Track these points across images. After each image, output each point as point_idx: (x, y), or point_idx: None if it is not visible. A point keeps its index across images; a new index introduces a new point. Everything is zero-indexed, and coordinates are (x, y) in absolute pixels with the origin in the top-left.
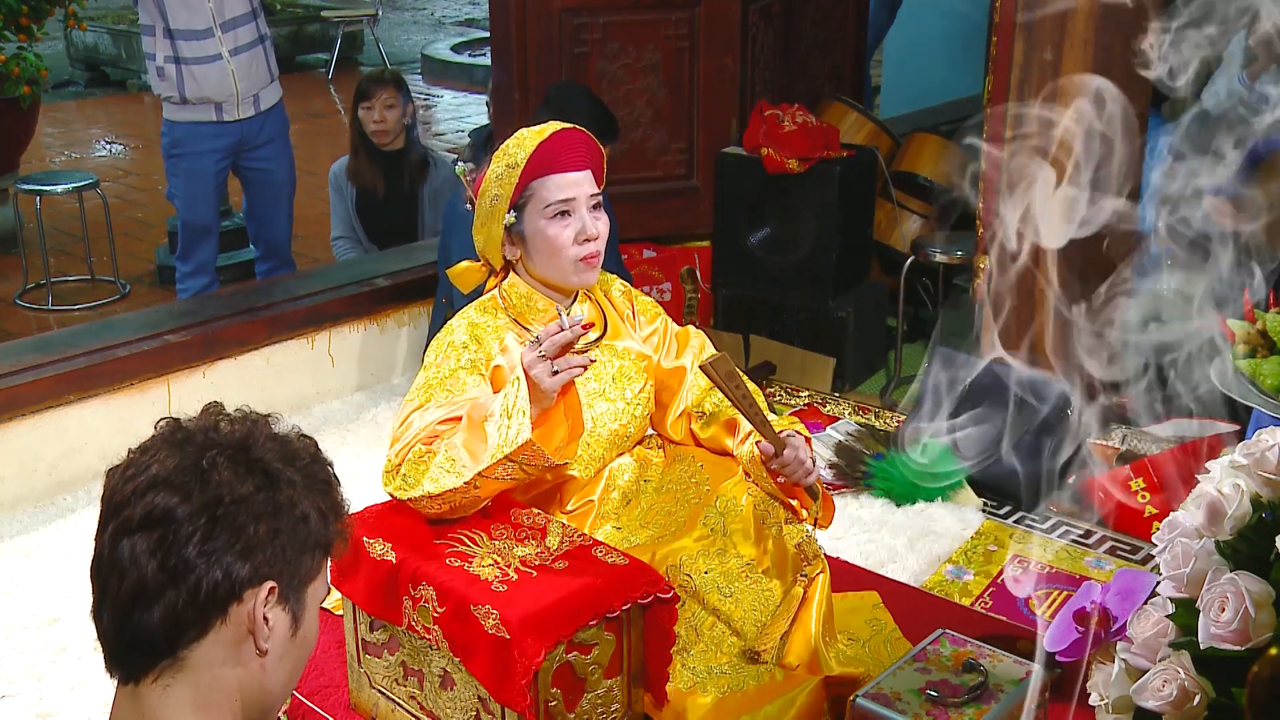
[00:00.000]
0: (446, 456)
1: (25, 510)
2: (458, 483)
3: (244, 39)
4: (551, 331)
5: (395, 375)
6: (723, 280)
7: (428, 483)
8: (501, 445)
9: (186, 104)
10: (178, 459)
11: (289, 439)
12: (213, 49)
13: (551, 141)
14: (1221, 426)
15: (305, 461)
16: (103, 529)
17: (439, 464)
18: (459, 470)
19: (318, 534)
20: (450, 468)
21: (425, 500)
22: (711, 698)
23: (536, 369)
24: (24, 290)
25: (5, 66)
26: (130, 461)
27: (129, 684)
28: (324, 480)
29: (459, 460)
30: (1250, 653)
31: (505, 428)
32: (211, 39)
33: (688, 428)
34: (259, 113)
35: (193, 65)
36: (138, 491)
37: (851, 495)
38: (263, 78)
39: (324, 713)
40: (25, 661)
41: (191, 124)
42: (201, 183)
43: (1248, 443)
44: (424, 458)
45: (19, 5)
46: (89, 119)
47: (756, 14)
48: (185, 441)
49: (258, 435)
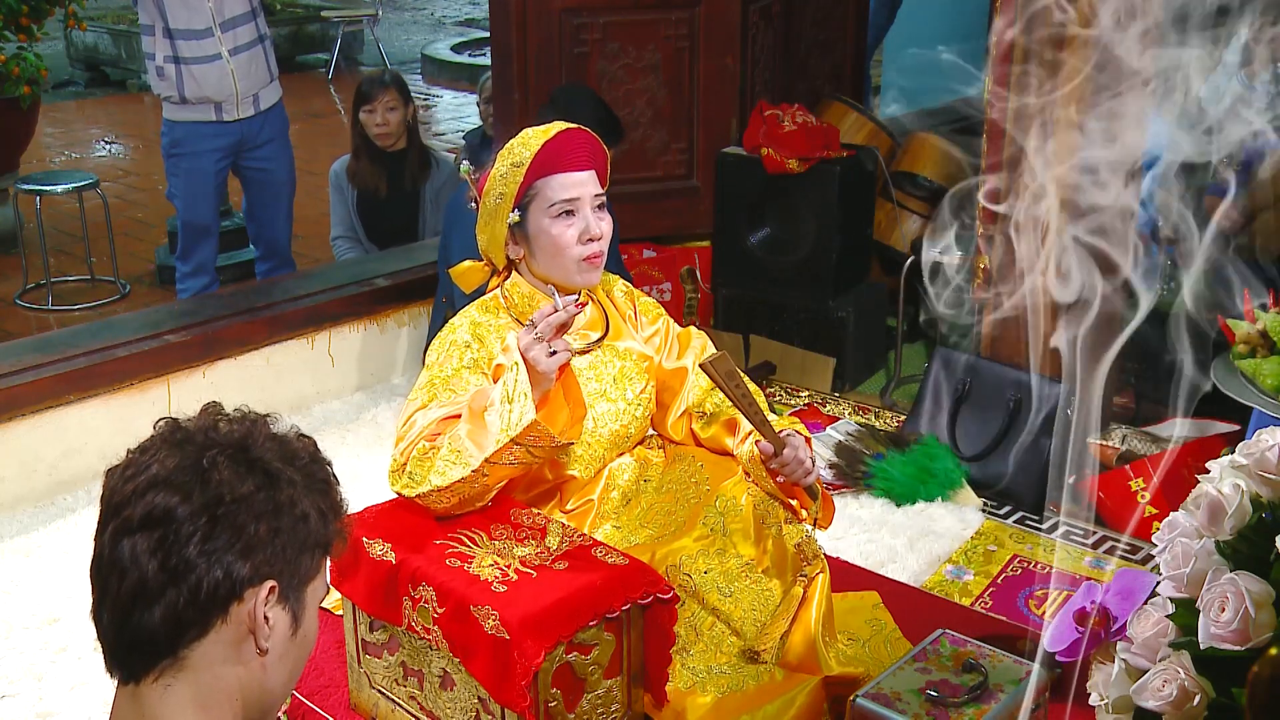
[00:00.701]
0: (451, 449)
1: (25, 510)
2: (465, 473)
3: (243, 39)
4: (546, 313)
5: (395, 375)
6: (723, 280)
7: (435, 477)
8: (506, 429)
9: (186, 104)
10: (178, 459)
11: (288, 439)
12: (212, 49)
13: (556, 141)
14: (1221, 426)
15: (304, 461)
16: (102, 529)
17: (444, 457)
18: (465, 461)
19: (317, 533)
20: (456, 459)
21: (434, 494)
22: (711, 697)
23: (533, 351)
24: (24, 290)
25: (5, 66)
26: (130, 461)
27: (129, 684)
28: (323, 480)
29: (465, 451)
30: (1250, 653)
31: (508, 413)
32: (211, 38)
33: (688, 428)
34: (258, 112)
35: (192, 65)
36: (138, 491)
37: (851, 495)
38: (262, 77)
39: (324, 713)
40: (25, 661)
41: (191, 124)
42: (201, 182)
43: (1248, 443)
44: (429, 453)
45: (19, 5)
46: (89, 119)
47: (756, 14)
48: (185, 441)
49: (257, 435)
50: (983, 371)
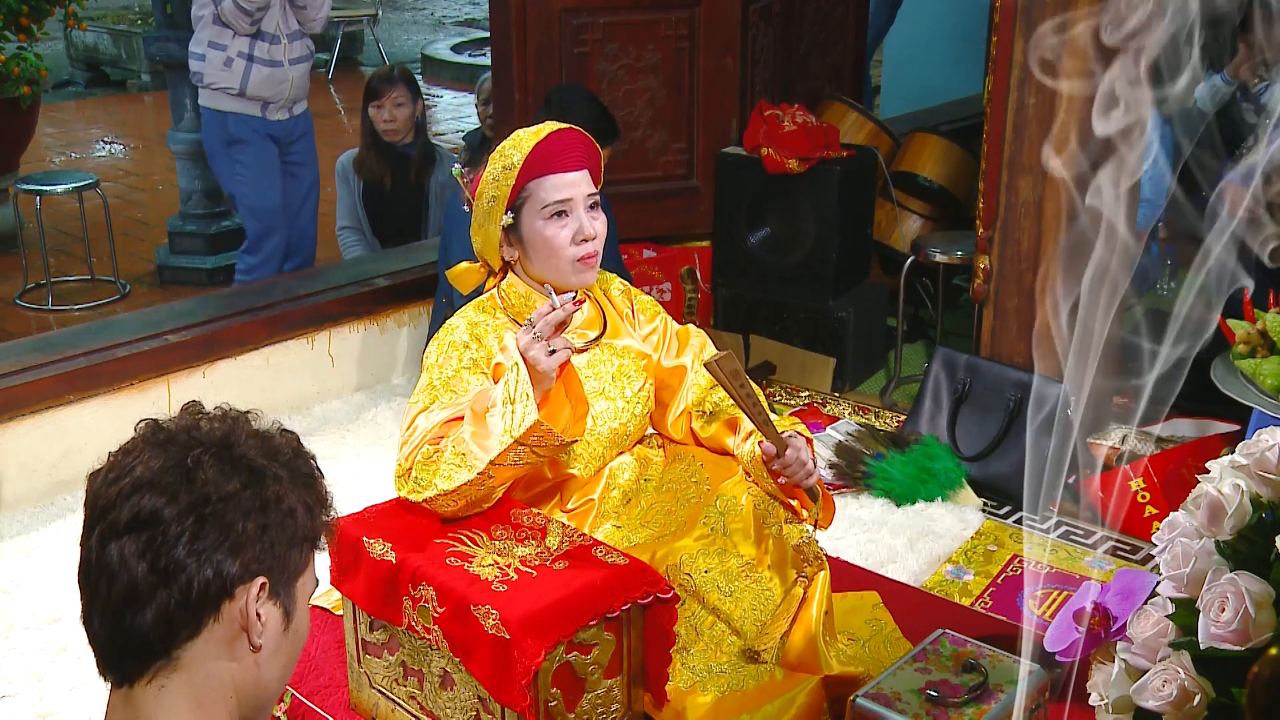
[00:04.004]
0: (455, 452)
1: (25, 510)
2: (471, 475)
3: (301, 52)
4: (544, 312)
5: (395, 375)
6: (723, 280)
7: (441, 481)
8: (509, 430)
9: (240, 98)
10: (162, 460)
11: (270, 435)
12: (279, 54)
13: (548, 142)
14: (1221, 426)
15: (288, 456)
16: (88, 533)
17: (449, 461)
18: (470, 464)
19: (305, 527)
20: (461, 462)
21: (440, 499)
22: (711, 697)
23: (533, 351)
24: (24, 290)
25: (5, 66)
26: (112, 464)
27: (123, 687)
28: (308, 474)
29: (469, 454)
30: (1250, 653)
31: (510, 414)
32: (279, 45)
33: (688, 427)
34: (291, 116)
35: (261, 65)
36: (123, 494)
37: (851, 495)
38: (305, 88)
39: (324, 713)
40: (25, 661)
41: (243, 115)
42: (269, 167)
43: (1248, 443)
44: (433, 458)
45: (19, 5)
46: (89, 119)
47: (756, 14)
48: (168, 442)
49: (239, 432)
50: (983, 371)
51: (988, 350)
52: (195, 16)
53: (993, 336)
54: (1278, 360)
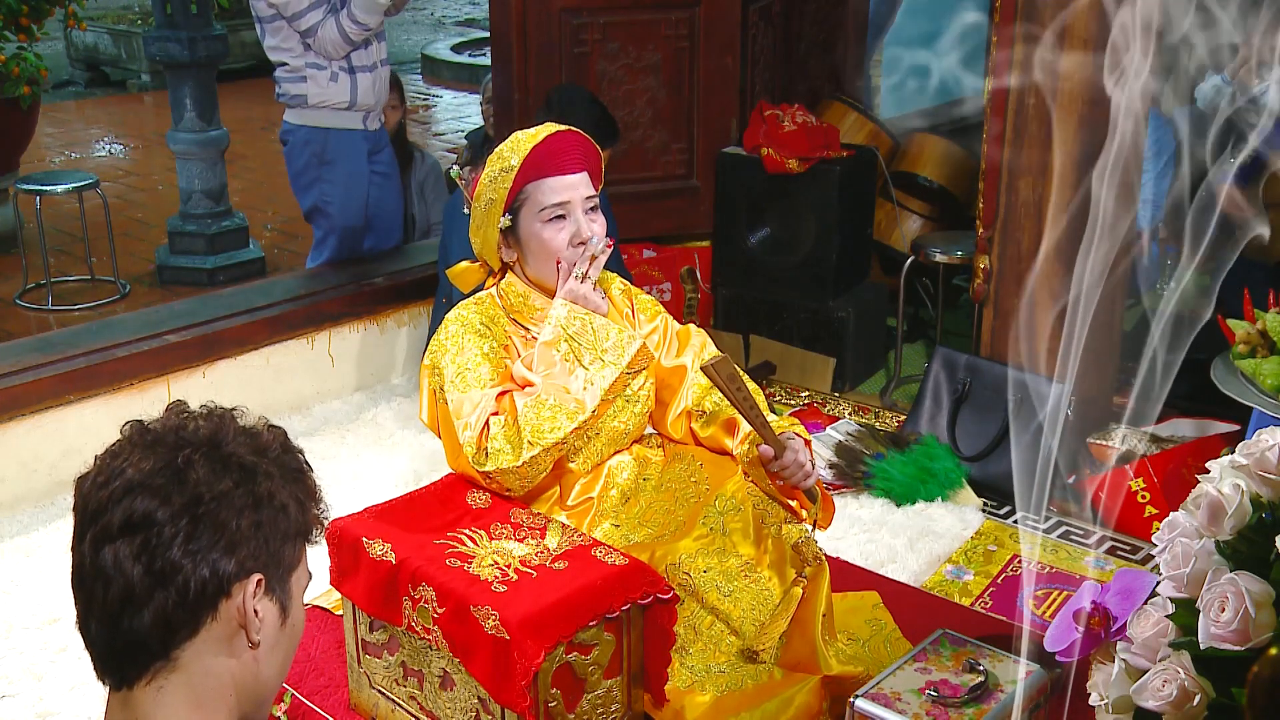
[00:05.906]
0: (549, 407)
1: (25, 510)
2: (584, 416)
3: (384, 53)
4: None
5: (395, 375)
6: (723, 280)
7: (549, 435)
8: (616, 362)
9: (348, 111)
10: (151, 461)
11: (258, 431)
12: (374, 57)
13: (546, 144)
14: (1221, 426)
15: (277, 452)
16: (80, 538)
17: (544, 416)
18: (574, 411)
19: (298, 522)
20: (558, 412)
21: (542, 455)
22: (710, 696)
23: (583, 291)
24: (24, 290)
25: (5, 66)
26: (101, 467)
27: (121, 689)
28: (297, 468)
29: (563, 404)
30: (1250, 653)
31: (616, 348)
32: (370, 47)
33: (688, 426)
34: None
35: (363, 73)
36: (114, 497)
37: (851, 495)
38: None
39: (324, 713)
40: (25, 661)
41: (345, 131)
42: (360, 187)
43: (1248, 443)
44: (512, 423)
45: (19, 5)
46: (89, 119)
47: (756, 14)
48: (156, 443)
49: (226, 430)
50: (983, 371)
51: (988, 350)
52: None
53: (993, 336)
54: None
